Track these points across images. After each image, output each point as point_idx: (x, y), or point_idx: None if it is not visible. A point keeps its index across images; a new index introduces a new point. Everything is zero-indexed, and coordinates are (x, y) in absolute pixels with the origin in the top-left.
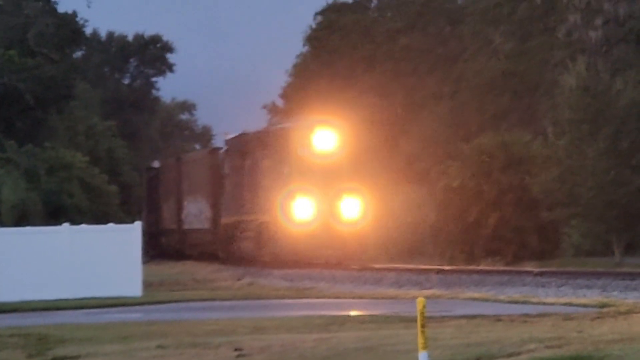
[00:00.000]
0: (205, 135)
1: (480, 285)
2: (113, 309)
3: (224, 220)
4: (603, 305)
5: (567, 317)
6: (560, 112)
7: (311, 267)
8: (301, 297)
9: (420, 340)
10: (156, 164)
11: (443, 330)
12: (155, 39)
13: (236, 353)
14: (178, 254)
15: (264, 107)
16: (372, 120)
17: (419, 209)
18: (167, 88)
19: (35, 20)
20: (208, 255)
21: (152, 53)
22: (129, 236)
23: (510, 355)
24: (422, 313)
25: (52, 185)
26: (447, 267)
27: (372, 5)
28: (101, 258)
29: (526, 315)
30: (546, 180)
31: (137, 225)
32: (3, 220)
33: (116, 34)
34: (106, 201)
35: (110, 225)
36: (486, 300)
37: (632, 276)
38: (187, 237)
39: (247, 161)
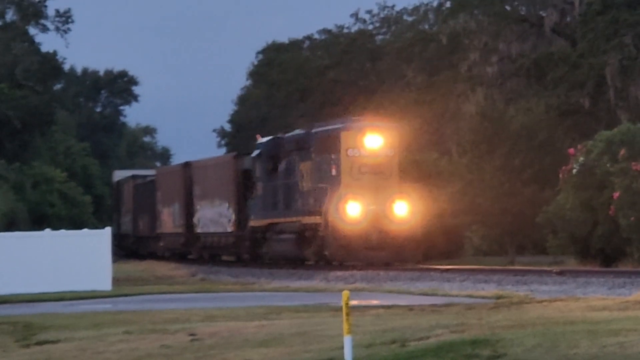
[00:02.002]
0: (164, 155)
1: (396, 280)
2: (87, 301)
3: (253, 223)
4: (499, 297)
5: (469, 307)
6: (463, 134)
7: (365, 268)
8: (245, 291)
9: (345, 327)
10: (118, 175)
11: (364, 318)
12: (123, 74)
13: (190, 338)
14: (182, 256)
15: (214, 130)
16: None
17: None
18: (133, 115)
19: (22, 58)
20: (226, 257)
21: (120, 85)
22: (100, 239)
23: (420, 339)
24: (346, 304)
25: (36, 197)
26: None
27: (305, 45)
28: (77, 258)
29: (434, 305)
30: (451, 192)
31: (107, 230)
32: None
33: (90, 69)
34: (81, 210)
35: (85, 230)
36: (400, 292)
37: (522, 272)
38: (200, 240)
39: (282, 164)
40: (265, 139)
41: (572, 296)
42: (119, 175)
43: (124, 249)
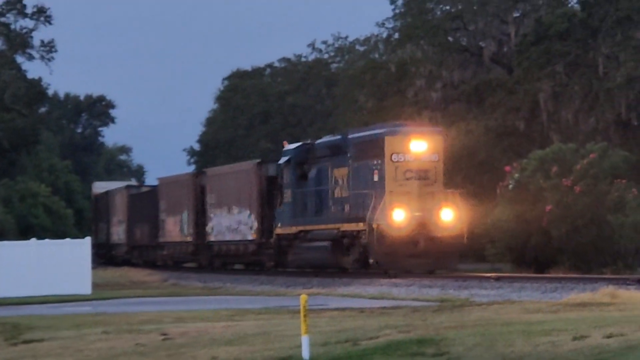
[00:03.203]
0: (139, 172)
1: (349, 285)
2: (69, 304)
3: (280, 230)
4: (442, 301)
5: (415, 310)
6: None
7: (409, 276)
8: (213, 294)
9: (302, 327)
10: (99, 186)
11: (320, 320)
12: (101, 98)
13: (162, 337)
14: (192, 264)
15: (184, 150)
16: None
17: None
18: (110, 135)
19: (10, 84)
20: (245, 266)
21: (99, 109)
22: (81, 248)
23: (371, 338)
24: (304, 306)
25: (23, 210)
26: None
27: (266, 72)
28: (60, 265)
29: (383, 308)
30: None
31: (87, 240)
32: None
33: (71, 94)
34: (64, 222)
35: (67, 239)
36: (353, 296)
37: (464, 278)
38: (212, 249)
39: (312, 171)
40: (293, 146)
41: (508, 300)
42: (99, 187)
43: (114, 258)
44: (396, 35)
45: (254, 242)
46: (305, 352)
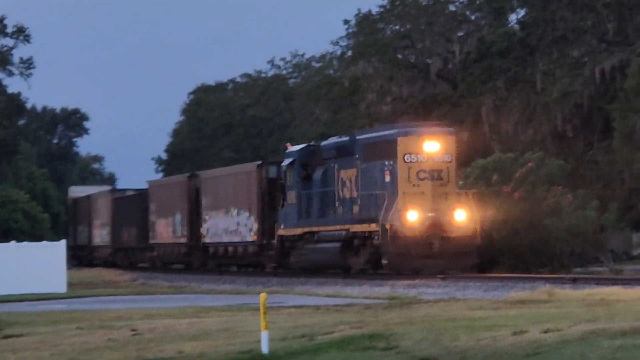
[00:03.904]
0: (110, 179)
1: (306, 284)
2: (45, 302)
3: (283, 232)
4: (392, 298)
5: (366, 307)
6: None
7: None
8: (179, 293)
9: (262, 323)
10: (75, 190)
11: (279, 316)
12: (76, 111)
13: (132, 333)
14: (186, 266)
15: (152, 159)
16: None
17: None
18: (84, 145)
19: None
20: (243, 267)
21: (73, 121)
22: (56, 250)
23: (326, 333)
24: (264, 304)
25: (3, 215)
26: (282, 271)
27: (229, 87)
28: (37, 265)
29: (337, 305)
30: None
31: (63, 242)
32: None
33: (48, 107)
34: (41, 225)
35: (44, 242)
36: (309, 294)
37: (412, 278)
38: (208, 251)
39: (317, 172)
40: (297, 147)
41: (453, 298)
42: (76, 191)
43: (98, 260)
44: (349, 53)
45: (255, 243)
46: (265, 347)
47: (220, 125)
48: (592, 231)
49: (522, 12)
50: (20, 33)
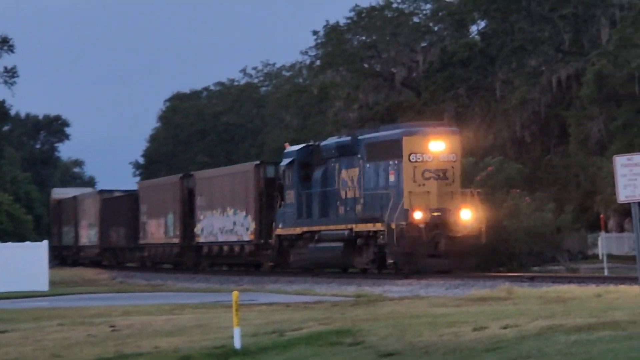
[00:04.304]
0: (90, 183)
1: (276, 283)
2: (28, 299)
3: (281, 231)
4: (358, 296)
5: (334, 304)
6: None
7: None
8: (156, 291)
9: (234, 320)
10: (59, 192)
11: (250, 313)
12: (57, 118)
13: (111, 329)
14: (175, 265)
15: (130, 163)
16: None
17: None
18: (65, 150)
19: None
20: (240, 266)
21: (55, 127)
22: (39, 250)
23: (295, 329)
24: (236, 301)
25: None
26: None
27: (203, 94)
28: (21, 264)
29: (306, 303)
30: None
31: (45, 243)
32: None
33: (31, 114)
34: (24, 227)
35: (27, 242)
36: (280, 292)
37: (377, 277)
38: (202, 250)
39: (317, 172)
40: (296, 147)
41: (417, 295)
42: (59, 192)
43: (84, 259)
44: (318, 62)
45: (252, 243)
46: (237, 342)
47: (195, 131)
48: (549, 232)
49: (482, 24)
50: (5, 43)
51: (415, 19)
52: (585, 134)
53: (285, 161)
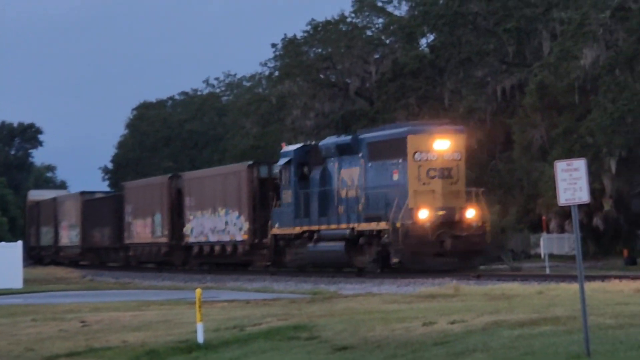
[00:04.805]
0: (62, 187)
1: (237, 281)
2: (3, 297)
3: (278, 230)
4: (314, 293)
5: (292, 301)
6: None
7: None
8: (123, 289)
9: (197, 316)
10: (36, 194)
11: (212, 310)
12: (31, 126)
13: (81, 324)
14: (162, 265)
15: (99, 168)
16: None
17: None
18: (38, 156)
19: None
20: (231, 265)
21: (29, 134)
22: (14, 250)
23: (255, 325)
24: (199, 298)
25: None
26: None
27: (168, 103)
28: None
29: (265, 299)
30: None
31: (19, 243)
32: None
33: (6, 122)
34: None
35: (2, 243)
36: (240, 290)
37: (333, 275)
38: (194, 250)
39: (315, 171)
40: (293, 147)
41: (370, 292)
42: (36, 194)
43: (64, 259)
44: (276, 73)
45: (245, 242)
46: (200, 337)
47: (160, 138)
48: (494, 232)
49: (431, 37)
50: None
51: (368, 33)
52: (528, 140)
53: (282, 161)
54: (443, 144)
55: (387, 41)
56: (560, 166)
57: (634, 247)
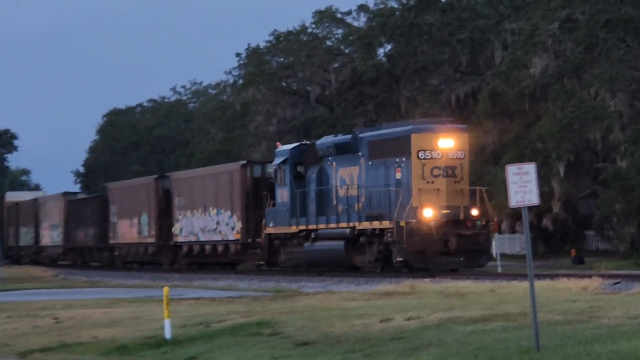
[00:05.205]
0: (37, 189)
1: (203, 279)
2: None
3: (272, 230)
4: (277, 291)
5: (255, 299)
6: None
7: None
8: (94, 287)
9: (165, 313)
10: (13, 195)
11: (179, 307)
12: (6, 131)
13: (55, 320)
14: (147, 265)
15: (72, 172)
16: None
17: None
18: (14, 160)
19: None
20: (224, 265)
21: (5, 140)
22: None
23: (220, 321)
24: (166, 296)
25: None
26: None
27: (137, 110)
28: None
29: (230, 297)
30: None
31: None
32: None
33: None
34: None
35: None
36: (206, 288)
37: (294, 274)
38: (183, 249)
39: (311, 170)
40: (289, 146)
41: (330, 290)
42: (13, 196)
43: (45, 259)
44: (240, 81)
45: (238, 242)
46: (167, 333)
47: (130, 143)
48: None
49: (388, 47)
50: None
51: (328, 43)
52: (481, 145)
53: (277, 160)
54: (447, 143)
55: (346, 51)
56: (511, 170)
57: (581, 247)
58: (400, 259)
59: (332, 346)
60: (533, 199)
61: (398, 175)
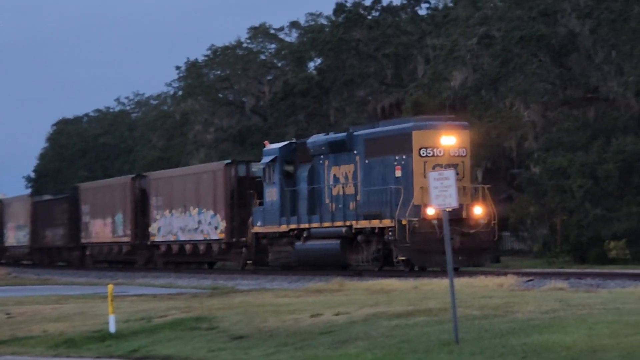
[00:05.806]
0: None
1: (145, 277)
2: None
3: (260, 229)
4: (214, 288)
5: (194, 295)
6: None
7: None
8: (44, 284)
9: (109, 309)
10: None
11: (123, 303)
12: None
13: (7, 316)
14: (119, 263)
15: (23, 177)
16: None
17: None
18: None
19: None
20: (205, 264)
21: None
22: None
23: (161, 317)
24: (111, 293)
25: None
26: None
27: (84, 119)
28: None
29: (170, 294)
30: None
31: None
32: None
33: None
34: None
35: None
36: (148, 285)
37: (230, 272)
38: (161, 249)
39: (302, 169)
40: (278, 145)
41: (263, 288)
42: None
43: (10, 259)
44: (180, 92)
45: (222, 241)
46: (112, 327)
47: (77, 151)
48: None
49: (318, 61)
50: None
51: (262, 57)
52: None
53: (265, 159)
54: (449, 140)
55: (279, 64)
56: (433, 175)
57: (497, 247)
58: (402, 258)
59: (266, 340)
60: (452, 202)
61: (398, 173)
